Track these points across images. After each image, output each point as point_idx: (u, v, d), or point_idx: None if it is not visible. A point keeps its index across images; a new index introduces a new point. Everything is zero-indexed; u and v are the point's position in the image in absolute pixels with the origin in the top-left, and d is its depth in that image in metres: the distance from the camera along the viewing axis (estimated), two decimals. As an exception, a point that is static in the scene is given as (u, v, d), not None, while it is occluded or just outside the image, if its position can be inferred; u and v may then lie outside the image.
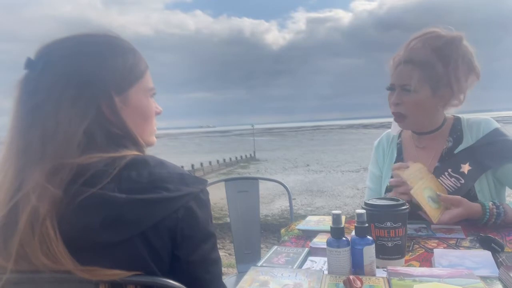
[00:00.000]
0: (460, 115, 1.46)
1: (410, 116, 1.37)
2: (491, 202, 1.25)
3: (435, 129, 1.44)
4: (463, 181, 1.33)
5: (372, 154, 1.64)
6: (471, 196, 1.33)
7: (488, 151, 1.34)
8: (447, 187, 1.34)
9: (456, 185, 1.33)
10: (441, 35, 1.33)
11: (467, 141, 1.39)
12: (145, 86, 0.80)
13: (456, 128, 1.44)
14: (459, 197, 1.25)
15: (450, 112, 1.47)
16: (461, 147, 1.39)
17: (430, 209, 1.23)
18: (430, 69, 1.32)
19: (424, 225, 1.29)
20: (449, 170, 1.36)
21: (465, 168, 1.34)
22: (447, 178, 1.35)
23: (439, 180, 1.35)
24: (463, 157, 1.36)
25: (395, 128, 1.54)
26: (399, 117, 1.39)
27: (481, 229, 1.22)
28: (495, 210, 1.22)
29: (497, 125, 1.39)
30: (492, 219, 1.22)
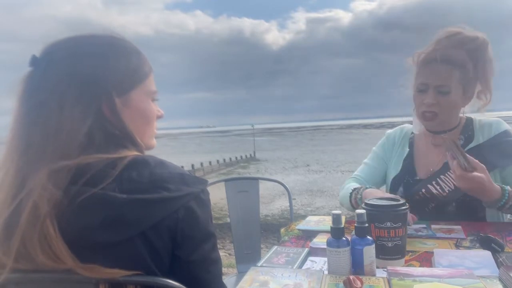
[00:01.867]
0: (471, 116, 1.49)
1: (441, 116, 1.39)
2: (509, 186, 1.25)
3: (452, 128, 1.47)
4: None
5: (381, 139, 1.66)
6: None
7: (496, 151, 1.36)
8: (454, 182, 1.33)
9: None
10: (473, 36, 1.35)
11: (478, 141, 1.42)
12: (147, 89, 0.80)
13: (468, 128, 1.47)
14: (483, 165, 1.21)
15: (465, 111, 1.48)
16: (471, 146, 1.41)
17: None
18: (464, 70, 1.34)
19: (424, 225, 1.29)
20: None
21: None
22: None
23: (446, 174, 1.37)
24: (472, 154, 1.38)
25: (417, 127, 1.53)
26: (430, 117, 1.39)
27: (481, 228, 1.22)
28: None
29: (507, 127, 1.42)
30: (510, 202, 1.21)
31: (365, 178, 1.59)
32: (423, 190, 1.39)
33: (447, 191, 1.36)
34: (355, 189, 1.44)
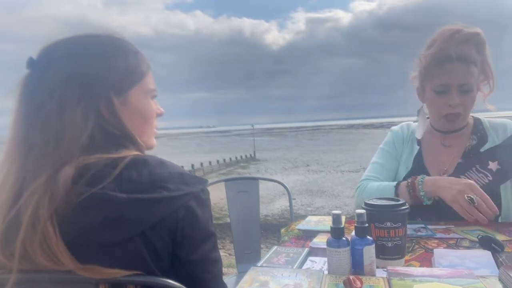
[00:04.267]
0: (479, 116, 1.48)
1: (463, 116, 1.38)
2: None
3: (462, 128, 1.45)
4: (491, 178, 1.34)
5: (387, 136, 1.61)
6: (495, 193, 1.33)
7: None
8: (475, 183, 1.34)
9: (483, 181, 1.34)
10: (477, 32, 1.34)
11: (493, 141, 1.41)
12: (145, 87, 0.80)
13: (478, 128, 1.45)
14: None
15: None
16: (487, 146, 1.40)
17: None
18: (476, 66, 1.34)
19: (423, 225, 1.29)
20: (477, 166, 1.37)
21: (493, 165, 1.35)
22: (475, 173, 1.36)
23: (466, 175, 1.35)
24: (490, 155, 1.37)
25: (421, 132, 1.50)
26: (454, 118, 1.38)
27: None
28: None
29: None
30: None
31: (380, 177, 1.50)
32: None
33: None
34: (399, 183, 1.36)
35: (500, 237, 1.11)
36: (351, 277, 0.82)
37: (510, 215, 1.37)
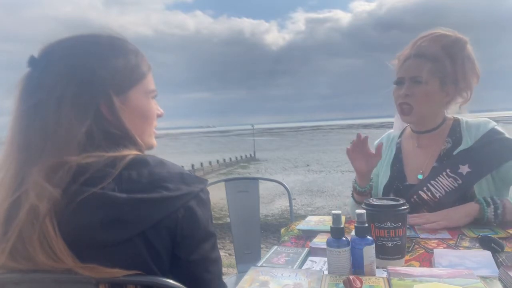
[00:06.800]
0: (459, 117, 1.48)
1: (417, 109, 1.40)
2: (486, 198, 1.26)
3: (435, 128, 1.46)
4: (460, 182, 1.34)
5: None
6: (469, 196, 1.34)
7: (486, 152, 1.34)
8: (444, 187, 1.35)
9: (453, 185, 1.34)
10: (449, 34, 1.40)
11: (466, 143, 1.40)
12: (146, 87, 0.80)
13: (456, 130, 1.45)
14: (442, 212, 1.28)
15: (450, 112, 1.48)
16: (460, 148, 1.40)
17: None
18: (439, 63, 1.37)
19: (408, 226, 1.28)
20: (447, 170, 1.37)
21: (464, 169, 1.35)
22: (445, 178, 1.36)
23: (437, 179, 1.36)
24: (462, 158, 1.37)
25: (397, 126, 1.57)
26: (406, 109, 1.41)
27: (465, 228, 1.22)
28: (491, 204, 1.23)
29: (494, 124, 1.41)
30: (497, 211, 1.22)
31: None
32: (415, 197, 1.38)
33: (438, 197, 1.35)
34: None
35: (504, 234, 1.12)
36: (351, 277, 0.82)
37: None
